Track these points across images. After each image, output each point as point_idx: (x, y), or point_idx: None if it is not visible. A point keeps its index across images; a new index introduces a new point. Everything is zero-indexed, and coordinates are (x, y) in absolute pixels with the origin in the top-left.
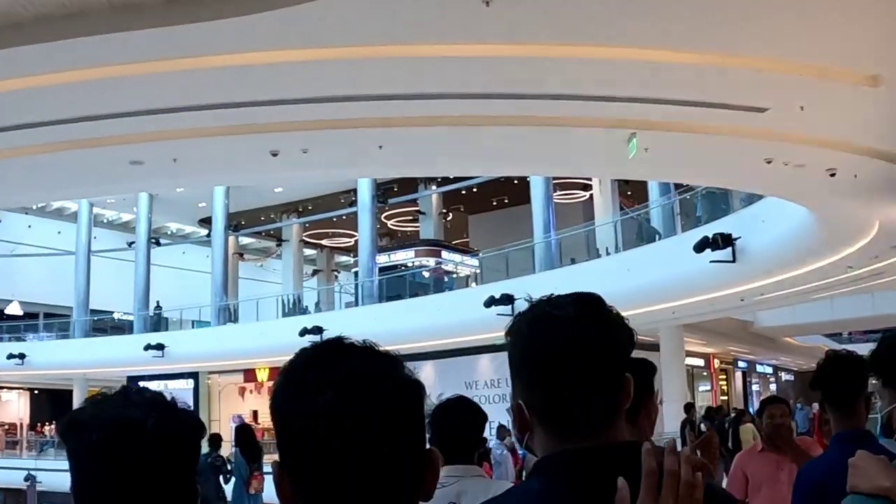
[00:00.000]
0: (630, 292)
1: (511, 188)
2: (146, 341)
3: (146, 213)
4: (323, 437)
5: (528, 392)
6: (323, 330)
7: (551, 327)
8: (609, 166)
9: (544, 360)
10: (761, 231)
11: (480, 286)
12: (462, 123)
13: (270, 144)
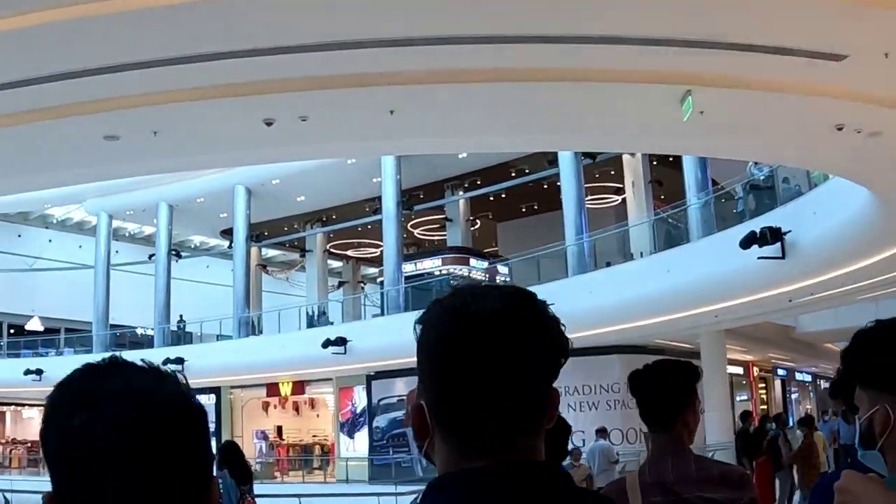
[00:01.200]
0: (670, 295)
1: (541, 193)
2: (165, 355)
3: (166, 225)
4: (77, 459)
5: (431, 394)
6: (347, 341)
7: (468, 320)
8: (658, 135)
9: (454, 358)
10: (813, 224)
11: None
12: (489, 79)
13: (264, 111)
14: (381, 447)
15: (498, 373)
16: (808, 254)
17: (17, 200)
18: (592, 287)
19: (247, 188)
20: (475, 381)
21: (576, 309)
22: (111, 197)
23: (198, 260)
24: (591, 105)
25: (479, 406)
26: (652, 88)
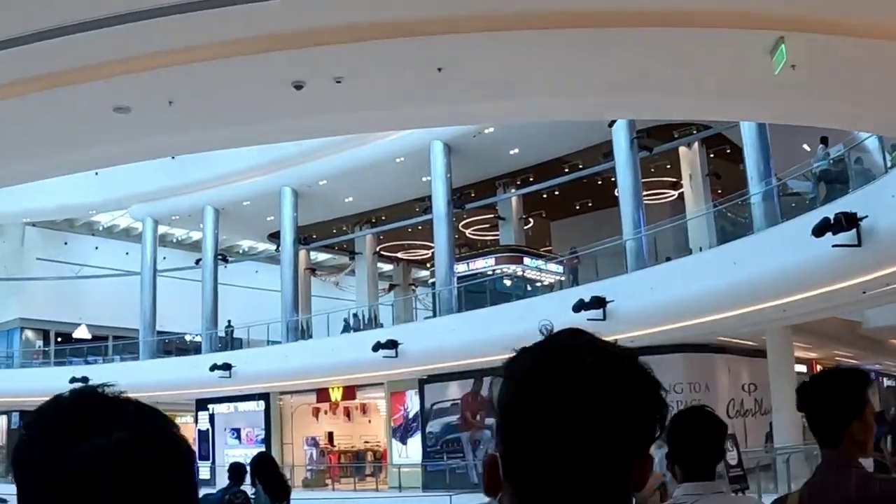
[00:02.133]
0: (735, 289)
1: (595, 189)
2: (213, 361)
3: (212, 229)
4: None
5: (510, 446)
6: (398, 344)
7: (566, 373)
8: (740, 96)
9: (547, 419)
10: (891, 208)
11: (568, 289)
12: (549, 25)
13: (293, 71)
14: (435, 453)
15: (596, 440)
16: (886, 241)
17: (63, 207)
18: (653, 282)
19: (293, 190)
20: (566, 442)
21: (636, 306)
22: (156, 202)
23: (246, 265)
24: (665, 56)
25: (565, 473)
26: (738, 35)
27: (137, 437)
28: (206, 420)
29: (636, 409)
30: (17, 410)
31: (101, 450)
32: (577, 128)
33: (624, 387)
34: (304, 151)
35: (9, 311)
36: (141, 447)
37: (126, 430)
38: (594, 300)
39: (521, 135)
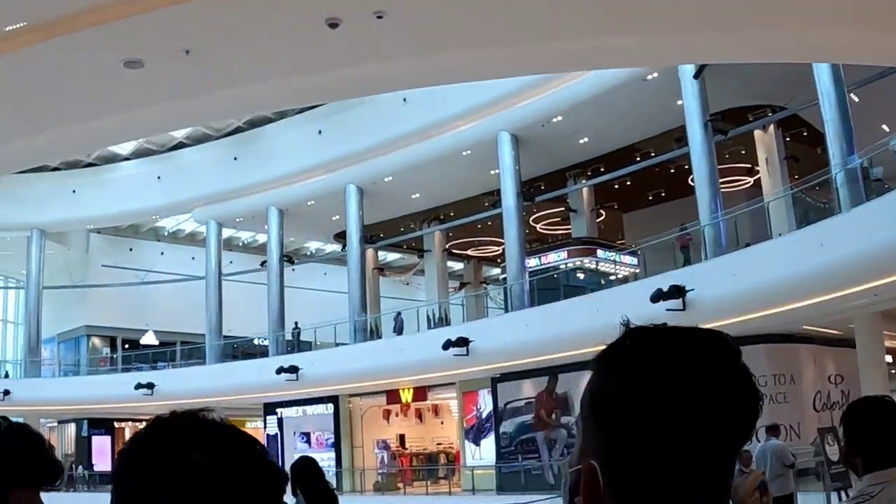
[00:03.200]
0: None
1: (668, 178)
2: (280, 364)
3: (277, 230)
4: None
5: (616, 452)
6: (469, 341)
7: (690, 370)
8: None
9: (671, 415)
10: None
11: (644, 279)
12: None
13: (327, 5)
14: (509, 454)
15: (725, 441)
16: None
17: (126, 213)
18: (735, 269)
19: (358, 187)
20: (696, 451)
21: (717, 294)
22: (219, 205)
23: (314, 268)
24: None
25: (691, 480)
26: None
27: (218, 459)
28: (274, 424)
29: (755, 405)
30: (85, 418)
31: (182, 469)
32: (648, 113)
33: (747, 382)
34: (369, 147)
35: (75, 319)
36: (220, 469)
37: (207, 453)
38: (673, 289)
39: (591, 123)
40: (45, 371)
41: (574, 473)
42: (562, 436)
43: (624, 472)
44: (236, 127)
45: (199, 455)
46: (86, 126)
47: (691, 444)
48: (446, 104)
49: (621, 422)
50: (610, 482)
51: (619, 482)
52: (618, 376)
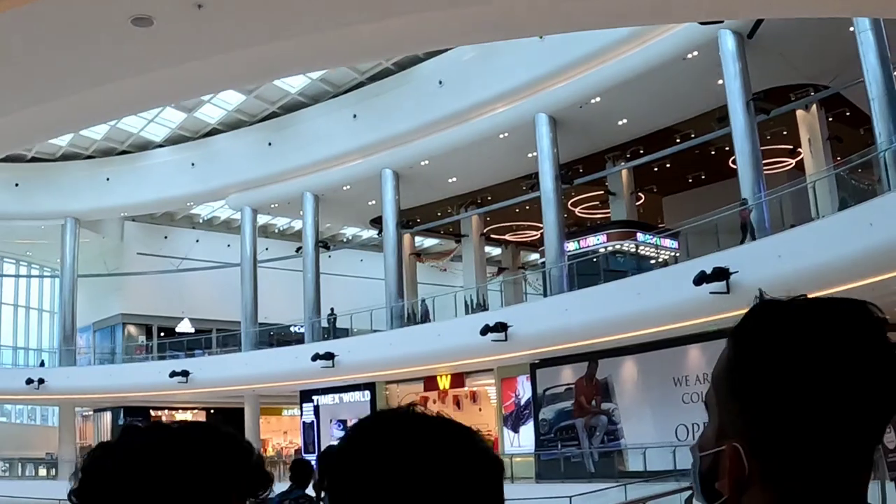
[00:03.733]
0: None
1: (708, 160)
2: (315, 351)
3: (312, 216)
4: None
5: (767, 432)
6: (507, 326)
7: (844, 343)
8: None
9: (828, 390)
10: None
11: (687, 262)
12: None
13: None
14: (549, 441)
15: (874, 414)
16: None
17: (161, 200)
18: (781, 250)
19: (394, 172)
20: (843, 425)
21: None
22: (254, 191)
23: (350, 254)
24: None
25: (838, 458)
26: None
27: (442, 452)
28: (310, 412)
29: None
30: (121, 407)
31: (410, 465)
32: (688, 94)
33: None
34: (404, 131)
35: (111, 308)
36: (445, 462)
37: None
38: (716, 272)
39: (629, 104)
40: (80, 360)
41: (709, 457)
42: (602, 422)
43: (777, 454)
44: (271, 112)
45: (420, 450)
46: (92, 93)
47: (850, 422)
48: (483, 86)
49: (773, 399)
50: (761, 465)
51: (772, 465)
52: (767, 351)
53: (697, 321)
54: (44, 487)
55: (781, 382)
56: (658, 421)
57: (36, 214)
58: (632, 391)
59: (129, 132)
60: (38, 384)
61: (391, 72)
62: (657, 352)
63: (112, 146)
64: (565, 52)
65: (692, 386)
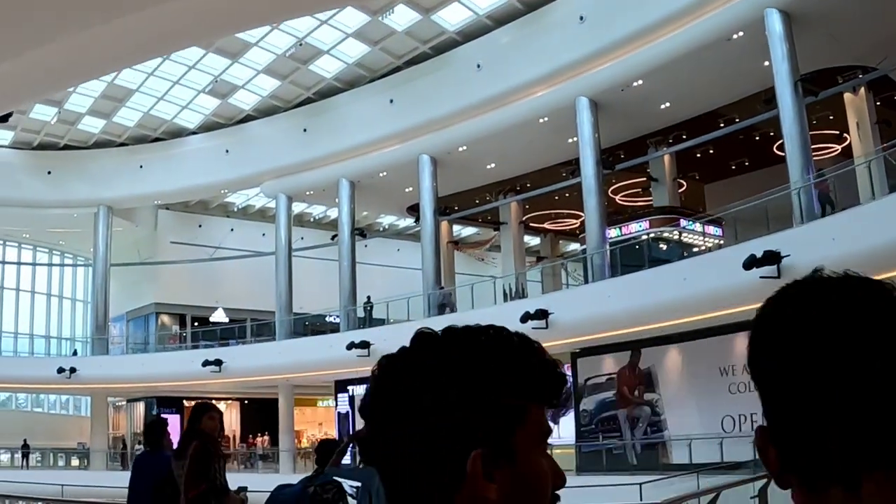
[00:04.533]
0: None
1: (752, 146)
2: (350, 339)
3: (348, 203)
4: None
5: (778, 425)
6: (548, 314)
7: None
8: None
9: (834, 391)
10: None
11: (735, 246)
12: None
13: None
14: (590, 433)
15: None
16: None
17: (194, 188)
18: (835, 232)
19: (432, 158)
20: (852, 422)
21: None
22: (289, 178)
23: (388, 243)
24: None
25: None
26: None
27: None
28: (345, 402)
29: None
30: (154, 397)
31: None
32: (733, 76)
33: None
34: (442, 116)
35: (145, 297)
36: None
37: None
38: (767, 255)
39: (672, 87)
40: (113, 350)
41: (757, 430)
42: (645, 413)
43: (789, 443)
44: (306, 98)
45: None
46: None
47: (861, 411)
48: (522, 69)
49: (774, 388)
50: (778, 453)
51: (787, 453)
52: (771, 337)
53: (746, 308)
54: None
55: (783, 371)
56: (703, 412)
57: (68, 202)
58: (676, 381)
59: (162, 119)
60: (70, 373)
61: (428, 56)
62: (703, 340)
63: (145, 133)
64: (607, 33)
65: (739, 376)
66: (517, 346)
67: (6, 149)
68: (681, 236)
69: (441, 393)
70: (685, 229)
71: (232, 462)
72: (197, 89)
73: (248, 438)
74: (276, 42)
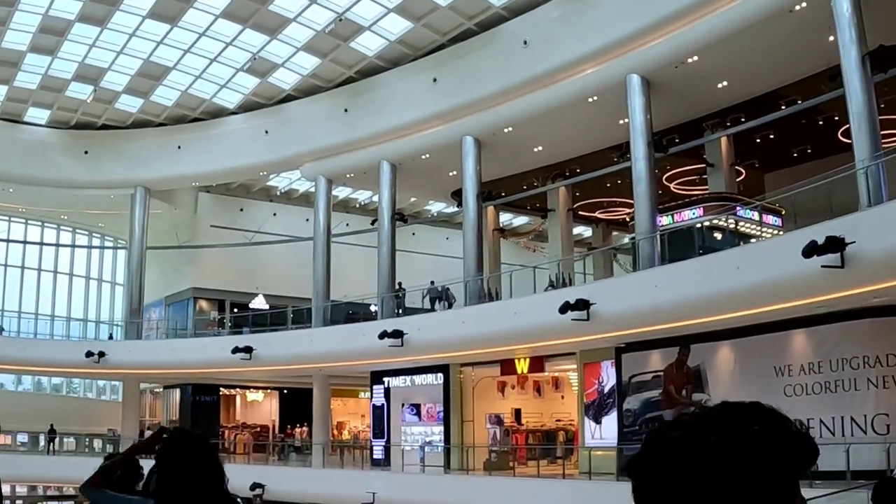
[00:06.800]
0: None
1: (815, 131)
2: (383, 328)
3: (388, 187)
4: None
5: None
6: (589, 304)
7: None
8: None
9: None
10: None
11: (795, 232)
12: None
13: None
14: (633, 434)
15: None
16: None
17: (232, 169)
18: None
19: (476, 139)
20: None
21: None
22: (329, 160)
23: (436, 231)
24: None
25: None
26: None
27: None
28: (381, 394)
29: None
30: (189, 384)
31: None
32: (795, 52)
33: None
34: (486, 95)
35: (183, 281)
36: None
37: None
38: (829, 241)
39: (730, 64)
40: (150, 335)
41: None
42: None
43: None
44: (347, 77)
45: None
46: None
47: None
48: (570, 46)
49: None
50: None
51: None
52: None
53: (804, 301)
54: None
55: None
56: None
57: (105, 183)
58: (727, 381)
59: (201, 98)
60: (98, 358)
61: (473, 32)
62: (757, 337)
63: (184, 113)
64: (659, 5)
65: (796, 377)
66: (785, 427)
67: (43, 128)
68: (737, 225)
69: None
70: (742, 218)
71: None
72: (235, 67)
73: (287, 429)
74: (315, 17)
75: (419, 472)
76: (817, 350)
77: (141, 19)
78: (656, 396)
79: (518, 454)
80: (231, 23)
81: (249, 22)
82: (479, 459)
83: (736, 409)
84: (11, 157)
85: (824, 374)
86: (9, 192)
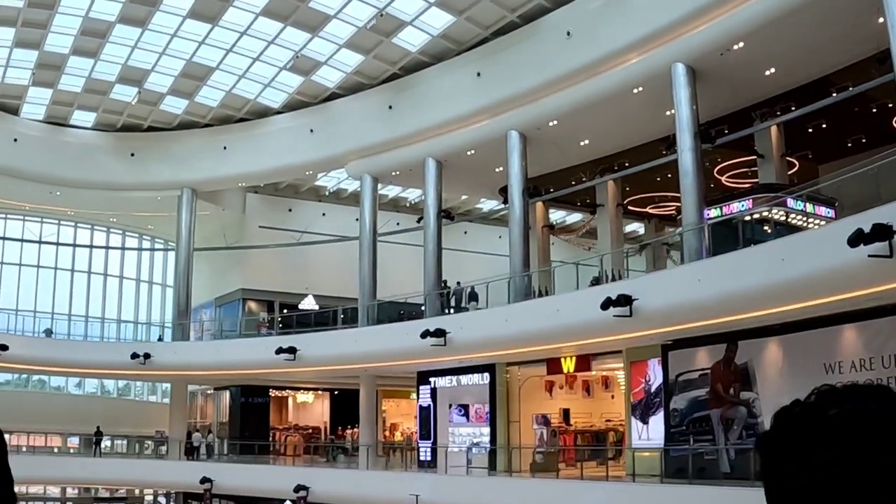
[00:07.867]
0: None
1: (869, 119)
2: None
3: (434, 184)
4: None
5: None
6: (632, 300)
7: None
8: None
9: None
10: None
11: (840, 221)
12: None
13: None
14: (680, 434)
15: None
16: None
17: (278, 169)
18: None
19: (521, 134)
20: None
21: None
22: (374, 157)
23: (490, 230)
24: None
25: None
26: None
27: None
28: (427, 395)
29: None
30: (238, 385)
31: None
32: (845, 35)
33: None
34: (530, 89)
35: (233, 283)
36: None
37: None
38: (876, 229)
39: (777, 50)
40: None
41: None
42: (741, 414)
43: None
44: (391, 74)
45: None
46: None
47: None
48: (613, 35)
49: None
50: None
51: None
52: None
53: (852, 294)
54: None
55: None
56: None
57: (151, 185)
58: (776, 379)
59: (246, 98)
60: (144, 359)
61: (516, 25)
62: (805, 332)
63: (229, 114)
64: None
65: (847, 374)
66: None
67: (89, 130)
68: (787, 217)
69: None
70: (793, 210)
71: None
72: (278, 66)
73: (338, 430)
74: (357, 13)
75: (464, 474)
76: (868, 345)
77: (181, 19)
78: (703, 395)
79: (567, 455)
80: (272, 21)
81: (290, 19)
82: (526, 461)
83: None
84: (58, 161)
85: (876, 370)
86: (56, 196)
